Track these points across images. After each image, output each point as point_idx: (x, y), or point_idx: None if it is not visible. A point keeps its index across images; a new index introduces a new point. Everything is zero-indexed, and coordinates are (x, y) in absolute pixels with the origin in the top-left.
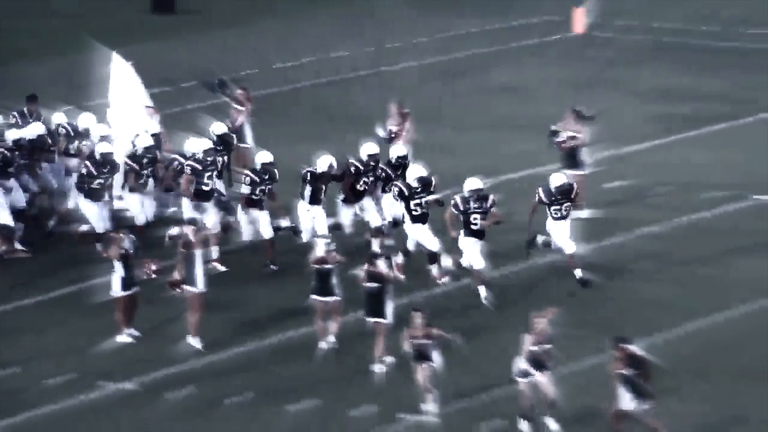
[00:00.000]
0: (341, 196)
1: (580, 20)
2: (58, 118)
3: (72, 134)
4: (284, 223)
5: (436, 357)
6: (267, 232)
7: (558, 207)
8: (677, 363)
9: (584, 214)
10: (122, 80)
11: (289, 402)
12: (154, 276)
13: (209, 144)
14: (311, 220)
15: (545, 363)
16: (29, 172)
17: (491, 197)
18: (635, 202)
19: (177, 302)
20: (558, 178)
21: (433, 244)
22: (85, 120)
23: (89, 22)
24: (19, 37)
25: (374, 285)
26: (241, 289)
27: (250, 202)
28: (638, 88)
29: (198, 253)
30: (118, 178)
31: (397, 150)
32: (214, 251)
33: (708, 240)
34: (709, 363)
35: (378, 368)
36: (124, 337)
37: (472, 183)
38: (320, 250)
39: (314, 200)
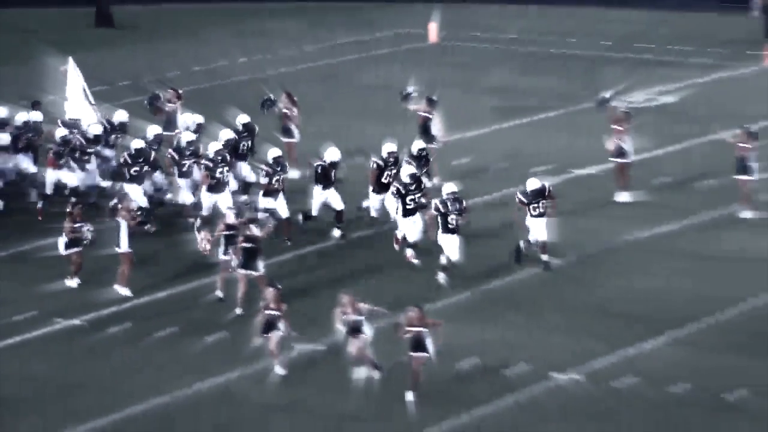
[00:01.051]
0: (370, 187)
1: (433, 32)
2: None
3: (109, 128)
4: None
5: (283, 327)
6: (284, 213)
7: (536, 205)
8: (515, 301)
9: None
10: (75, 80)
11: (204, 335)
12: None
13: (219, 145)
14: (325, 199)
15: (360, 328)
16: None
17: (464, 200)
18: (477, 176)
19: (115, 258)
20: (532, 183)
21: (413, 235)
22: (120, 116)
23: (41, 35)
24: None
25: (249, 245)
26: (170, 247)
27: (269, 192)
28: (482, 85)
29: (123, 222)
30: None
31: (417, 144)
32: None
33: None
34: (535, 301)
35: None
36: (72, 283)
37: (450, 187)
38: (230, 218)
39: (327, 186)
